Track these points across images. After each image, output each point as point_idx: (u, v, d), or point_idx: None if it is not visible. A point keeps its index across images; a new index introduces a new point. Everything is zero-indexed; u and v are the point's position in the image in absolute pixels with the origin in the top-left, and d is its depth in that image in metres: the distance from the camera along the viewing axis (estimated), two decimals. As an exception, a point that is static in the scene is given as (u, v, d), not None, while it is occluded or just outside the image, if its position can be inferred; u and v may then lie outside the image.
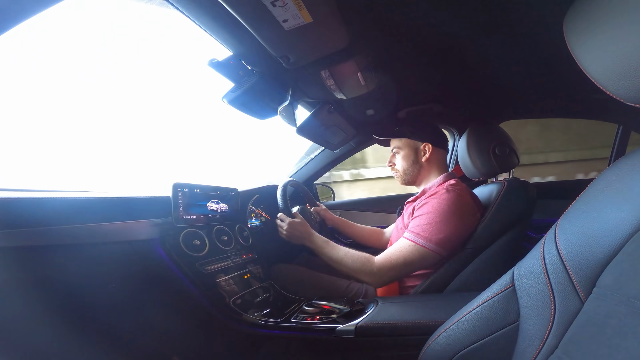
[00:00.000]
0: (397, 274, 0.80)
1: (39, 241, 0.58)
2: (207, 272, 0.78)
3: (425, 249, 0.78)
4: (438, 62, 0.91)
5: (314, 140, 1.30)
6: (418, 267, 0.80)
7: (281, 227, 0.96)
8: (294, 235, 0.93)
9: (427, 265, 0.81)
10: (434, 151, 0.95)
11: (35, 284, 0.55)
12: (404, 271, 0.80)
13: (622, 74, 0.32)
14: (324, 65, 0.81)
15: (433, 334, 0.54)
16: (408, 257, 0.79)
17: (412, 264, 0.79)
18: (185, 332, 0.78)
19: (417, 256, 0.78)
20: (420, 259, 0.79)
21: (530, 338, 0.40)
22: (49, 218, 0.61)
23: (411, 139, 0.96)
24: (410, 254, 0.79)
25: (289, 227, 0.93)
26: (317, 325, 0.69)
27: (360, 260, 0.82)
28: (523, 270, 0.45)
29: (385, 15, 0.68)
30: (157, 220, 0.81)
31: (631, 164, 0.36)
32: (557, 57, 0.85)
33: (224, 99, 0.89)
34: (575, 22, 0.36)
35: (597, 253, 0.34)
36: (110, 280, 0.64)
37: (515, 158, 0.90)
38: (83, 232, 0.65)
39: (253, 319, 0.75)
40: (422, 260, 0.79)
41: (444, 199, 0.82)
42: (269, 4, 0.54)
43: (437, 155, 0.96)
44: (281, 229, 0.96)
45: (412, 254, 0.79)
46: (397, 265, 0.79)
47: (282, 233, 0.96)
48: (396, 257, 0.79)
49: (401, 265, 0.79)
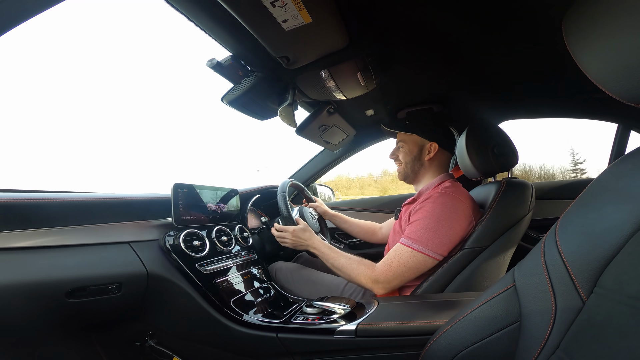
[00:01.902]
0: (400, 281, 0.81)
1: (39, 242, 0.58)
2: (207, 273, 0.78)
3: (423, 255, 0.79)
4: (438, 62, 0.91)
5: (314, 141, 1.30)
6: (418, 272, 0.81)
7: (283, 237, 0.97)
8: (298, 242, 0.95)
9: (426, 270, 0.82)
10: (439, 152, 0.95)
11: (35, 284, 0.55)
12: (406, 277, 0.81)
13: (622, 74, 0.32)
14: (324, 65, 0.81)
15: (434, 335, 0.54)
16: (407, 263, 0.79)
17: (412, 269, 0.80)
18: (185, 332, 0.78)
19: (415, 262, 0.79)
20: (419, 264, 0.80)
21: (531, 338, 0.40)
22: (49, 218, 0.61)
23: (419, 136, 0.96)
24: (409, 260, 0.79)
25: (292, 236, 0.95)
26: (317, 326, 0.69)
27: (361, 269, 0.83)
28: (524, 270, 0.45)
29: (385, 15, 0.68)
30: (157, 221, 0.81)
31: (631, 164, 0.36)
32: (557, 57, 0.85)
33: (223, 100, 0.89)
34: (574, 22, 0.36)
35: (598, 253, 0.34)
36: (110, 282, 0.64)
37: (515, 158, 0.90)
38: (83, 232, 0.65)
39: (253, 320, 0.75)
40: (421, 266, 0.80)
41: (438, 203, 0.82)
42: (268, 4, 0.54)
43: (441, 156, 0.96)
44: (284, 238, 0.97)
45: (410, 260, 0.79)
46: (397, 272, 0.80)
47: (285, 242, 0.97)
48: (396, 265, 0.80)
49: (401, 272, 0.80)
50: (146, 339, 0.78)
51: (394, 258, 0.81)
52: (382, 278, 0.81)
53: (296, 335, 0.70)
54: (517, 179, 0.91)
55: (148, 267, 0.70)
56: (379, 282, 0.81)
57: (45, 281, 0.56)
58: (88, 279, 0.61)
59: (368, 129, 1.42)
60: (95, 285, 0.62)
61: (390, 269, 0.80)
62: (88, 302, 0.62)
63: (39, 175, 24.36)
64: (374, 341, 0.65)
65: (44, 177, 26.06)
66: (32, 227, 0.58)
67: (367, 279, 0.82)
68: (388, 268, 0.81)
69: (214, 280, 0.79)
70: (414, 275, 0.81)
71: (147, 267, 0.70)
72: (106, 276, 0.64)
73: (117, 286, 0.65)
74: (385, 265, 0.82)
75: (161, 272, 0.71)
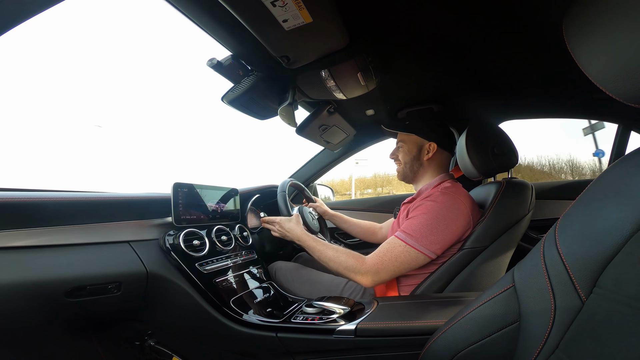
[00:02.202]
0: (389, 275, 0.80)
1: (39, 241, 0.58)
2: (207, 272, 0.78)
3: (415, 250, 0.78)
4: (438, 62, 0.91)
5: (314, 141, 1.30)
6: (409, 268, 0.80)
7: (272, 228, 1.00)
8: (282, 233, 0.97)
9: (417, 267, 0.81)
10: (438, 152, 0.95)
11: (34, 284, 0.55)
12: (396, 271, 0.80)
13: (622, 74, 0.32)
14: (324, 65, 0.81)
15: (433, 334, 0.54)
16: (399, 258, 0.78)
17: (404, 264, 0.79)
18: (184, 331, 0.78)
19: (407, 257, 0.78)
20: (411, 260, 0.79)
21: (530, 338, 0.40)
22: (48, 217, 0.61)
23: (418, 136, 0.96)
24: (400, 254, 0.78)
25: (278, 227, 0.97)
26: (317, 325, 0.69)
27: (350, 260, 0.82)
28: (523, 270, 0.45)
29: (385, 15, 0.68)
30: (157, 221, 0.81)
31: (631, 164, 0.36)
32: (557, 57, 0.85)
33: (223, 100, 0.89)
34: (574, 22, 0.36)
35: (597, 253, 0.34)
36: (110, 281, 0.64)
37: (514, 158, 0.90)
38: (83, 232, 0.65)
39: (253, 320, 0.75)
40: (412, 262, 0.79)
41: (438, 202, 0.82)
42: (269, 4, 0.54)
43: (441, 156, 0.96)
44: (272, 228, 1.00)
45: (402, 254, 0.78)
46: (388, 265, 0.79)
47: (274, 233, 1.00)
48: (388, 258, 0.79)
49: (392, 266, 0.79)
50: (146, 338, 0.78)
51: (387, 251, 0.80)
52: (372, 269, 0.79)
53: (296, 335, 0.70)
54: (517, 179, 0.91)
55: (148, 266, 0.70)
56: (367, 274, 0.79)
57: (44, 280, 0.56)
58: (88, 278, 0.61)
59: (368, 128, 1.42)
60: (94, 285, 0.62)
61: (382, 261, 0.79)
62: (87, 302, 0.62)
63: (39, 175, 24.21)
64: (373, 341, 0.65)
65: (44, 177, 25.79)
66: (32, 227, 0.58)
67: (355, 271, 0.80)
68: (379, 260, 0.80)
69: (214, 280, 0.79)
70: (404, 271, 0.80)
71: (146, 266, 0.70)
72: (106, 275, 0.64)
73: (117, 285, 0.65)
74: (377, 257, 0.80)
75: (161, 272, 0.71)
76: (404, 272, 0.80)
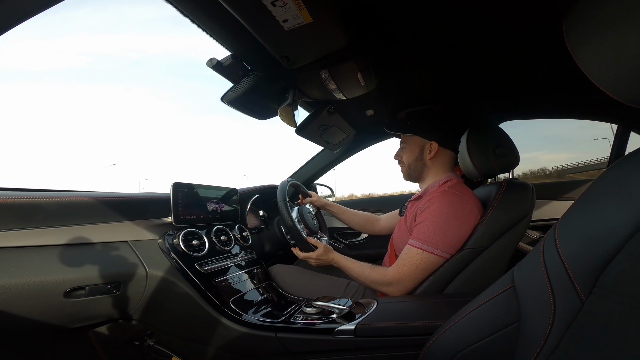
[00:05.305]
0: (413, 283, 0.83)
1: (38, 241, 0.58)
2: (207, 272, 0.78)
3: (434, 255, 0.80)
4: (438, 62, 0.91)
5: (314, 141, 1.30)
6: (430, 272, 0.83)
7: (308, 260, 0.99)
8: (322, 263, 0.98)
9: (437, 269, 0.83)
10: (440, 151, 0.95)
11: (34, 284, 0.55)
12: (419, 278, 0.82)
13: (622, 75, 0.32)
14: (324, 65, 0.81)
15: (433, 334, 0.54)
16: (420, 265, 0.81)
17: (425, 270, 0.82)
18: (184, 331, 0.78)
19: (427, 263, 0.81)
20: (432, 265, 0.81)
21: (530, 338, 0.40)
22: (47, 217, 0.61)
23: (419, 136, 0.96)
24: (421, 262, 0.81)
25: (316, 261, 0.97)
26: (316, 325, 0.69)
27: (374, 274, 0.86)
28: (523, 270, 0.45)
29: (385, 15, 0.68)
30: (156, 220, 0.81)
31: (631, 164, 0.36)
32: (557, 58, 0.85)
33: (223, 100, 0.89)
34: (575, 22, 0.36)
35: (597, 253, 0.34)
36: (109, 281, 0.64)
37: (515, 158, 0.90)
38: (82, 231, 0.65)
39: (253, 320, 0.75)
40: (432, 266, 0.82)
41: (445, 202, 0.83)
42: (269, 4, 0.54)
43: (444, 155, 0.96)
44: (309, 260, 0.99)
45: (422, 261, 0.81)
46: (410, 274, 0.82)
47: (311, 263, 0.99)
48: (408, 267, 0.82)
49: (414, 274, 0.82)
50: (145, 338, 0.77)
51: (406, 261, 0.83)
52: (394, 280, 0.83)
53: (295, 335, 0.70)
54: (518, 180, 0.91)
55: (147, 266, 0.70)
56: (391, 285, 0.83)
57: (43, 280, 0.56)
58: (87, 279, 0.61)
59: (368, 129, 1.42)
60: (94, 285, 0.62)
61: (403, 271, 0.82)
62: (87, 302, 0.62)
63: (39, 175, 23.97)
64: (373, 341, 0.65)
65: (44, 177, 25.57)
66: (31, 227, 0.58)
67: (380, 283, 0.84)
68: (400, 270, 0.83)
69: (213, 280, 0.79)
70: (426, 275, 0.83)
71: (146, 266, 0.70)
72: (105, 275, 0.63)
73: (116, 285, 0.65)
74: (397, 268, 0.83)
75: (160, 272, 0.71)
76: (426, 276, 0.83)
